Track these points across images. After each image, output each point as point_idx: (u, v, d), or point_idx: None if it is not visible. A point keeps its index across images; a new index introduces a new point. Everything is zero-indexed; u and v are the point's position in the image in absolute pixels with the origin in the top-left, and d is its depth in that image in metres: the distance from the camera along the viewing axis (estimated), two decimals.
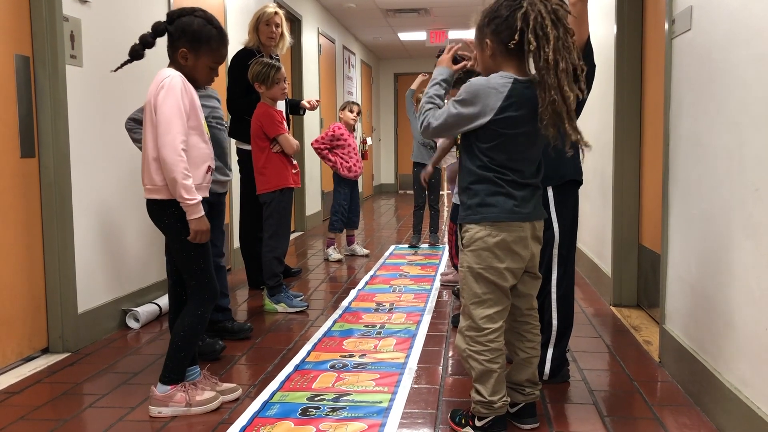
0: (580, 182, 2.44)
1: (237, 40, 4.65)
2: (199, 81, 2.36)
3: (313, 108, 4.56)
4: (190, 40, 2.26)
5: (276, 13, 4.05)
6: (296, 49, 6.74)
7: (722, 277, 2.15)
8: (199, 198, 2.23)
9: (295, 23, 6.78)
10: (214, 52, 2.31)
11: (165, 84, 2.21)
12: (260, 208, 3.76)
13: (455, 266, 3.43)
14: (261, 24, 4.03)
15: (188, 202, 2.20)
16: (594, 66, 2.39)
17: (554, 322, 2.45)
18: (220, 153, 2.99)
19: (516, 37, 1.89)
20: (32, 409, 2.36)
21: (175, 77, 2.23)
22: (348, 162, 5.23)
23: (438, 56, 4.17)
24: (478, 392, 2.02)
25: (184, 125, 2.21)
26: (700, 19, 2.37)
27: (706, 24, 2.32)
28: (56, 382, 2.64)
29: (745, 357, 1.98)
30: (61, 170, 2.94)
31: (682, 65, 2.55)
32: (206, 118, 2.87)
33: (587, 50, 2.25)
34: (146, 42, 2.27)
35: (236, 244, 4.68)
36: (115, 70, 2.36)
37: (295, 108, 4.51)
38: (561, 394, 2.43)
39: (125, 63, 2.30)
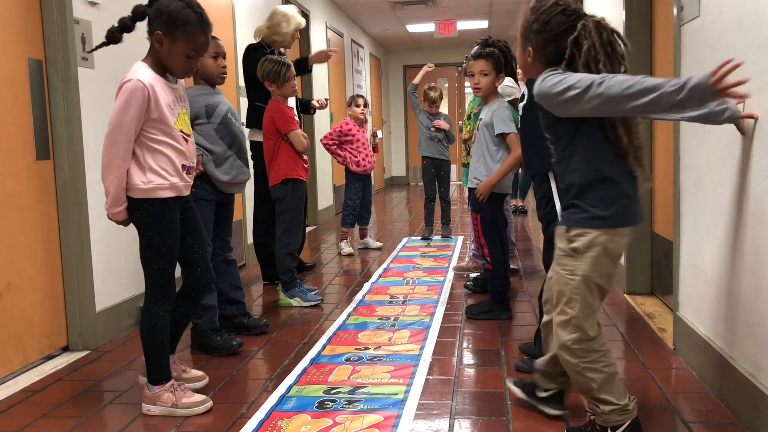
0: None
1: (246, 38, 4.68)
2: (174, 70, 2.22)
3: (322, 107, 4.60)
4: (165, 21, 2.14)
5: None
6: (305, 44, 6.75)
7: (735, 263, 2.15)
8: (122, 207, 2.18)
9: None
10: (191, 37, 2.16)
11: (126, 88, 2.11)
12: (273, 203, 3.78)
13: (483, 256, 3.40)
14: (296, 32, 4.12)
15: (107, 207, 2.19)
16: None
17: None
18: (239, 150, 3.00)
19: (563, 65, 1.80)
20: (54, 407, 2.41)
21: (137, 83, 2.11)
22: (357, 157, 5.24)
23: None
24: (605, 402, 1.87)
25: (129, 134, 2.12)
26: (708, 5, 2.36)
27: (714, 10, 2.30)
28: (77, 379, 2.69)
29: (759, 343, 1.98)
30: (76, 171, 2.97)
31: (692, 52, 2.54)
32: (225, 115, 2.90)
33: None
34: (125, 25, 2.17)
35: (250, 239, 4.71)
36: (91, 51, 2.31)
37: (306, 108, 4.55)
38: None
39: (101, 45, 2.22)
